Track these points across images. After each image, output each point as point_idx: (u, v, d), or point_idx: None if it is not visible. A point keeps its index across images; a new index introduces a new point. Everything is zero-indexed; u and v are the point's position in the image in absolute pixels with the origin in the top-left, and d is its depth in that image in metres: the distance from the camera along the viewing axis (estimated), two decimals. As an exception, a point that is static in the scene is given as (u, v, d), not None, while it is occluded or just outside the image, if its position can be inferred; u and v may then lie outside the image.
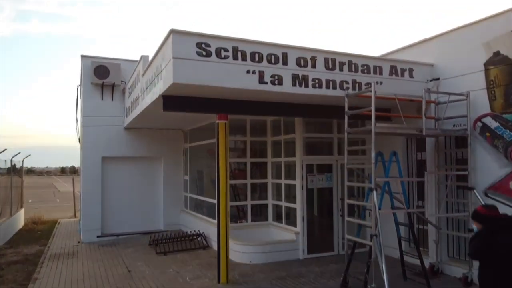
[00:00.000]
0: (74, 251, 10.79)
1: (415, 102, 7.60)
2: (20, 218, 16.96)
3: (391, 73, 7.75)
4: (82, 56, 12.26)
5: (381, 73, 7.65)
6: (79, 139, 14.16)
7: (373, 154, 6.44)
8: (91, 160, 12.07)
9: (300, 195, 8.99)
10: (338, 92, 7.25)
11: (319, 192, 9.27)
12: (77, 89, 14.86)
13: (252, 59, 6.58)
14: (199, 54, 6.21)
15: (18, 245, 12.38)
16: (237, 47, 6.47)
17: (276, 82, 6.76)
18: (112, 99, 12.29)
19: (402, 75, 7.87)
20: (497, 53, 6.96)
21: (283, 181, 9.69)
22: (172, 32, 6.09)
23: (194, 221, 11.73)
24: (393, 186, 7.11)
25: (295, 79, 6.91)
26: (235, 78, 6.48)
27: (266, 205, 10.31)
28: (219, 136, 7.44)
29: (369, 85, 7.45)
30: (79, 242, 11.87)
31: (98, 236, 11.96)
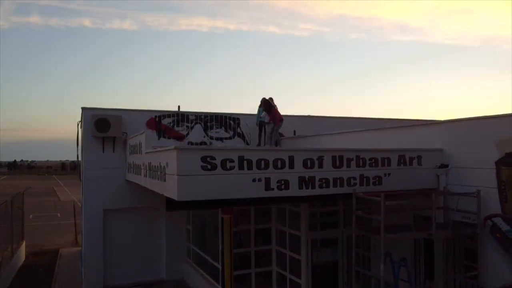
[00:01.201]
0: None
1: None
2: (22, 253, 16.89)
3: (399, 163, 7.59)
4: (83, 109, 12.09)
5: (389, 165, 7.49)
6: (80, 175, 14.05)
7: (382, 266, 6.31)
8: (92, 214, 11.96)
9: (305, 272, 8.88)
10: (345, 190, 7.09)
11: (324, 266, 9.16)
12: (78, 125, 14.74)
13: (258, 167, 6.42)
14: (204, 168, 6.05)
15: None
16: (243, 156, 6.30)
17: (283, 187, 6.61)
18: (114, 151, 12.15)
19: (411, 163, 7.71)
20: (509, 154, 6.78)
21: (288, 252, 9.56)
22: (176, 149, 5.92)
23: (197, 277, 11.64)
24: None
25: (301, 181, 6.75)
26: (241, 189, 6.33)
27: (270, 271, 10.21)
28: (223, 230, 7.30)
29: (377, 178, 7.35)
30: (81, 297, 11.83)
31: (100, 290, 11.90)
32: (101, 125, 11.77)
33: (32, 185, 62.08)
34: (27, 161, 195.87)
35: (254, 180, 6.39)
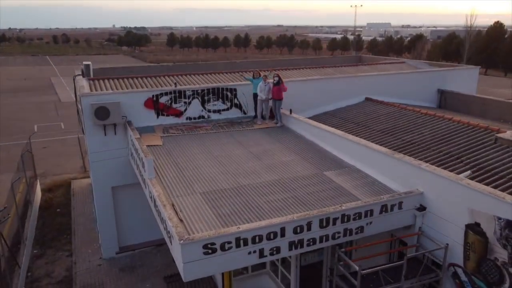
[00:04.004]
0: (99, 282, 12.49)
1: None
2: (38, 193, 18.38)
3: (381, 212, 8.36)
4: (82, 96, 12.20)
5: (371, 215, 8.27)
6: (82, 130, 14.81)
7: (355, 317, 7.64)
8: (102, 191, 13.01)
9: (294, 273, 10.28)
10: (330, 243, 8.04)
11: (310, 266, 10.56)
12: (73, 79, 15.02)
13: (253, 242, 7.25)
14: (205, 253, 6.90)
15: (45, 248, 14.25)
16: (239, 237, 7.10)
17: (274, 252, 7.54)
18: (115, 134, 12.64)
19: (392, 209, 8.47)
20: (478, 224, 7.56)
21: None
22: (181, 244, 6.68)
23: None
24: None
25: (291, 245, 7.65)
26: (238, 262, 7.28)
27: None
28: (224, 284, 8.44)
29: (359, 228, 8.26)
30: (100, 257, 13.63)
31: (117, 253, 13.67)
32: (101, 113, 12.05)
33: (28, 75, 61.90)
34: (16, 29, 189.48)
35: (249, 253, 7.29)
